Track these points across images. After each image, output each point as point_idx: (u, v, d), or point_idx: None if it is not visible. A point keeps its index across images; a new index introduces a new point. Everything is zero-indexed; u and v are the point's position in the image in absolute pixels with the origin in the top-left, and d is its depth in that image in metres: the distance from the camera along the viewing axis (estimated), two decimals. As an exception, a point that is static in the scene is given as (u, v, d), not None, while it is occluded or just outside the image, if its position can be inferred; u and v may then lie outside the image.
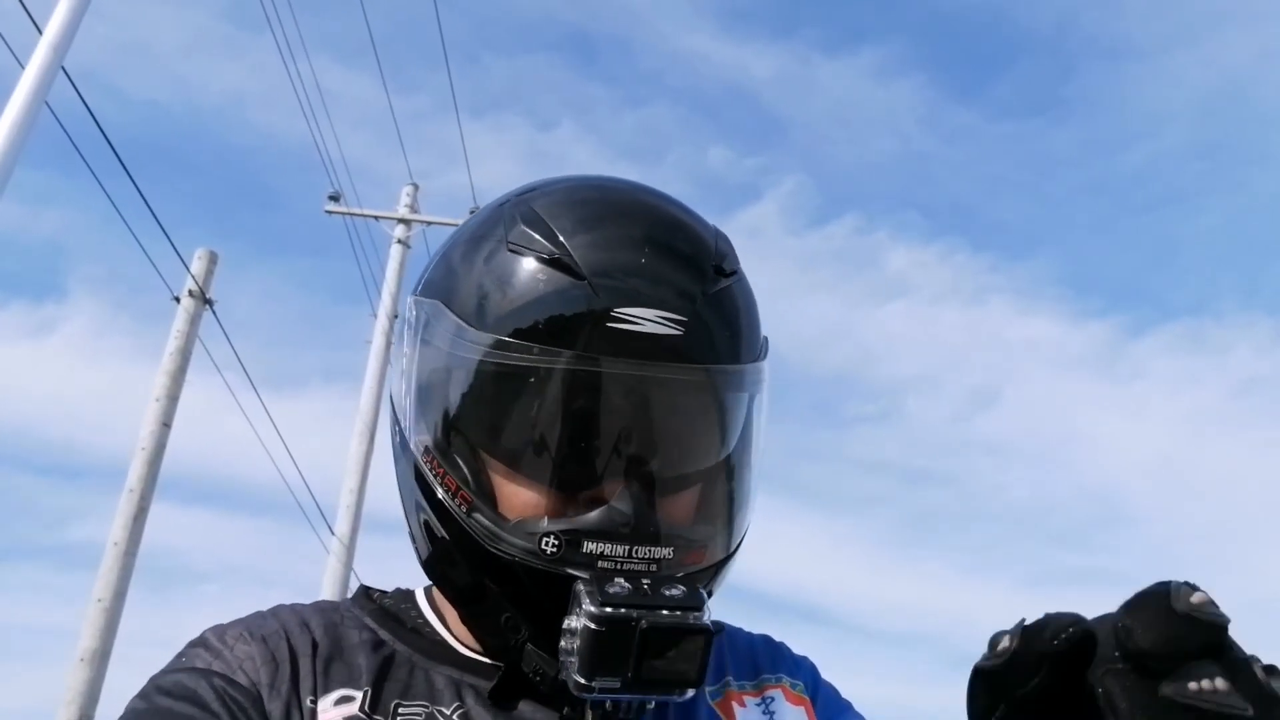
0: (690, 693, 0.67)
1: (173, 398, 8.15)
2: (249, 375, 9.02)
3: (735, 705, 0.80)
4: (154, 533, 8.11)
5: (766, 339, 0.82)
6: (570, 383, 0.71)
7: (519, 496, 0.73)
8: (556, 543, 0.69)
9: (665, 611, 0.65)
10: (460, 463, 0.75)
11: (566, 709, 0.73)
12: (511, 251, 0.74)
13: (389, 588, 0.89)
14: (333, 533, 10.37)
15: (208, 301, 8.42)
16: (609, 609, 0.64)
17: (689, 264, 0.75)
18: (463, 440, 0.75)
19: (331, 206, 11.37)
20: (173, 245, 7.46)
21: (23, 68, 5.19)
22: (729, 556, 0.77)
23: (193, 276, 8.32)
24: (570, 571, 0.68)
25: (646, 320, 0.70)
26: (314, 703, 0.73)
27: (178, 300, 8.34)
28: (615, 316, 0.70)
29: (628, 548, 0.69)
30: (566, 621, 0.66)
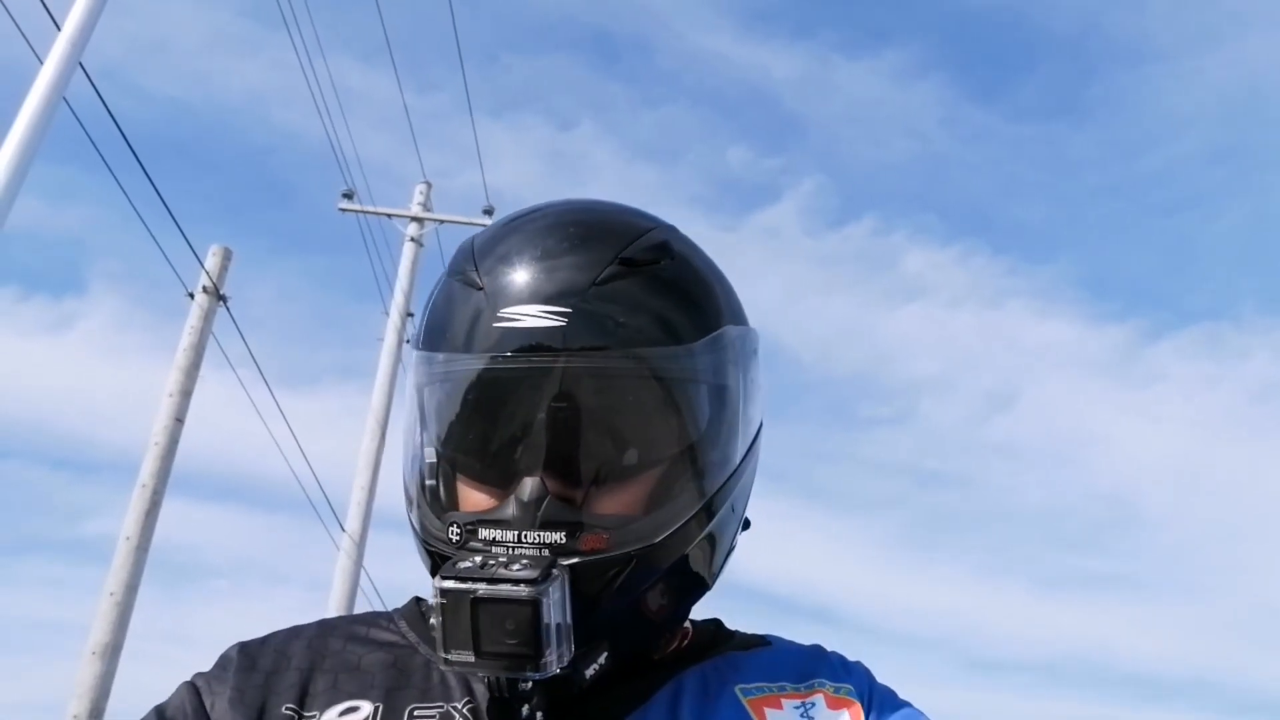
0: (549, 668, 0.67)
1: (186, 393, 8.18)
2: (262, 372, 9.04)
3: (768, 709, 0.79)
4: (166, 528, 8.14)
5: (728, 329, 0.81)
6: (466, 382, 0.77)
7: (457, 494, 0.79)
8: (458, 531, 0.75)
9: (502, 585, 0.67)
10: (405, 468, 0.83)
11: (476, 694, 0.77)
12: (447, 279, 0.82)
13: (403, 585, 0.93)
14: (344, 530, 10.40)
15: (221, 298, 8.45)
16: (449, 582, 0.68)
17: (584, 258, 0.77)
18: (405, 448, 0.84)
19: (345, 204, 11.41)
20: (187, 241, 7.49)
21: (41, 63, 5.21)
22: (650, 547, 0.74)
23: (206, 273, 8.35)
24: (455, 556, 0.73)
25: (528, 315, 0.74)
26: (308, 714, 0.77)
27: (191, 296, 8.37)
28: (501, 316, 0.75)
29: (517, 533, 0.72)
30: (429, 599, 0.71)
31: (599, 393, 0.75)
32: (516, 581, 0.67)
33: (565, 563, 0.70)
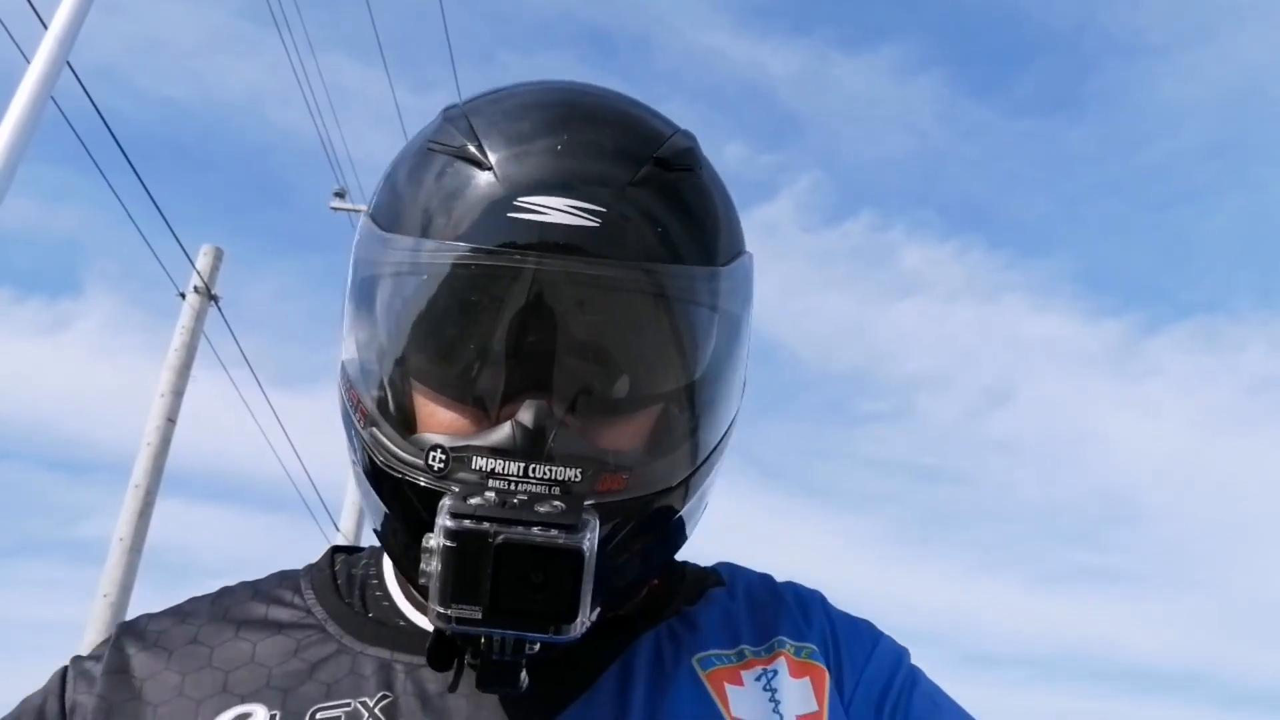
0: (574, 631, 0.56)
1: (178, 393, 8.16)
2: (254, 371, 9.03)
3: (728, 684, 0.68)
4: (160, 528, 8.15)
5: (746, 255, 0.72)
6: (465, 277, 0.63)
7: (425, 412, 0.65)
8: (444, 458, 0.62)
9: (532, 528, 0.56)
10: (367, 377, 0.68)
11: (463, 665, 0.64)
12: (430, 150, 0.67)
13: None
14: (337, 529, 10.39)
15: (213, 297, 8.43)
16: (465, 521, 0.56)
17: (616, 152, 0.65)
18: (370, 351, 0.68)
19: (337, 203, 11.38)
20: (178, 241, 7.48)
21: (28, 62, 5.20)
22: (667, 491, 0.66)
23: (198, 272, 8.34)
24: (454, 489, 0.60)
25: (554, 210, 0.62)
26: None
27: (183, 296, 8.36)
28: (518, 206, 0.62)
29: (523, 465, 0.60)
30: (425, 540, 0.58)
31: (627, 310, 0.64)
32: (551, 525, 0.56)
33: (588, 503, 0.60)
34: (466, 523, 0.56)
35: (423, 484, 0.62)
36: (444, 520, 0.56)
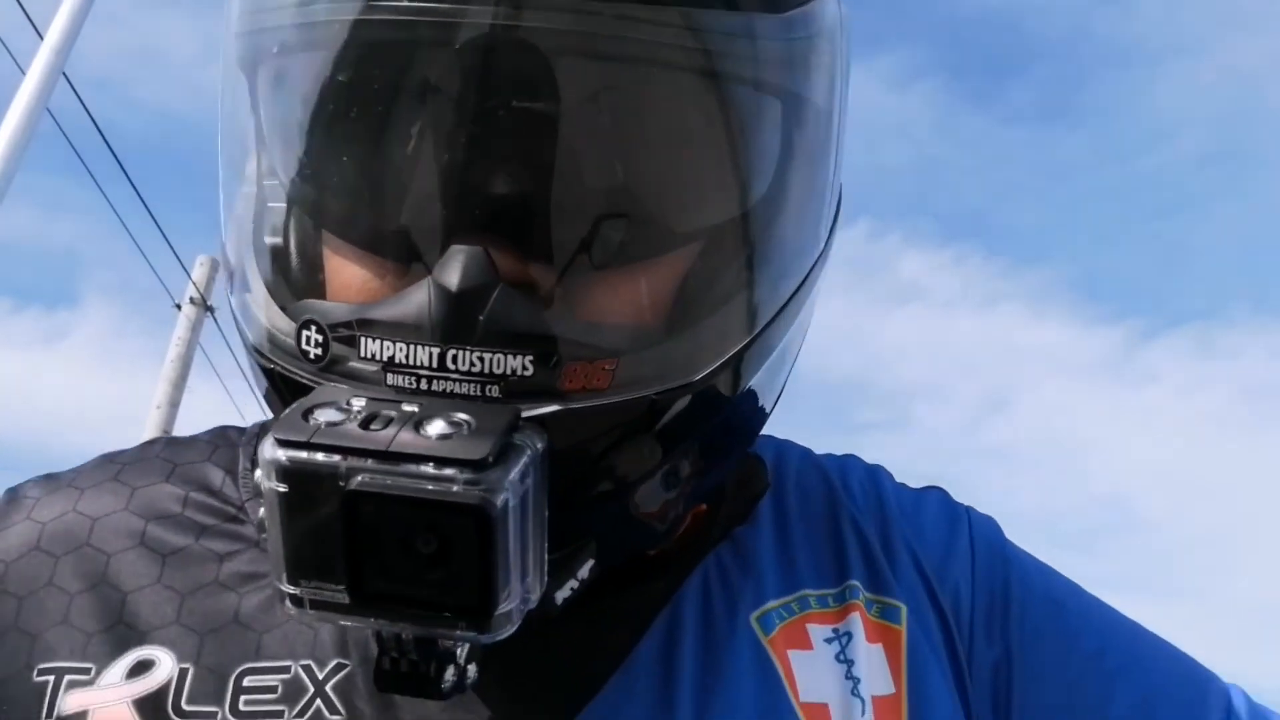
0: (496, 627, 0.37)
1: (174, 404, 8.14)
2: (251, 384, 9.00)
3: (792, 650, 0.50)
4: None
5: (831, 3, 0.49)
6: (349, 52, 0.42)
7: (330, 270, 0.45)
8: (319, 338, 0.42)
9: (420, 464, 0.36)
10: (235, 222, 0.49)
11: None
12: None
13: None
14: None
15: (209, 308, 8.41)
16: (295, 451, 0.37)
17: None
18: (245, 180, 0.48)
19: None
20: (174, 252, 7.49)
21: (24, 74, 5.19)
22: (685, 389, 0.43)
23: (194, 283, 8.33)
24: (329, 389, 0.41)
25: None
26: (75, 671, 0.47)
27: (179, 308, 8.34)
28: None
29: (437, 351, 0.39)
30: (251, 475, 0.40)
31: (610, 92, 0.42)
32: (444, 463, 0.36)
33: (532, 414, 0.40)
34: (302, 454, 0.37)
35: (297, 377, 0.43)
36: (267, 450, 0.37)
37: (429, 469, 0.36)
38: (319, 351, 0.42)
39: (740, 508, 0.56)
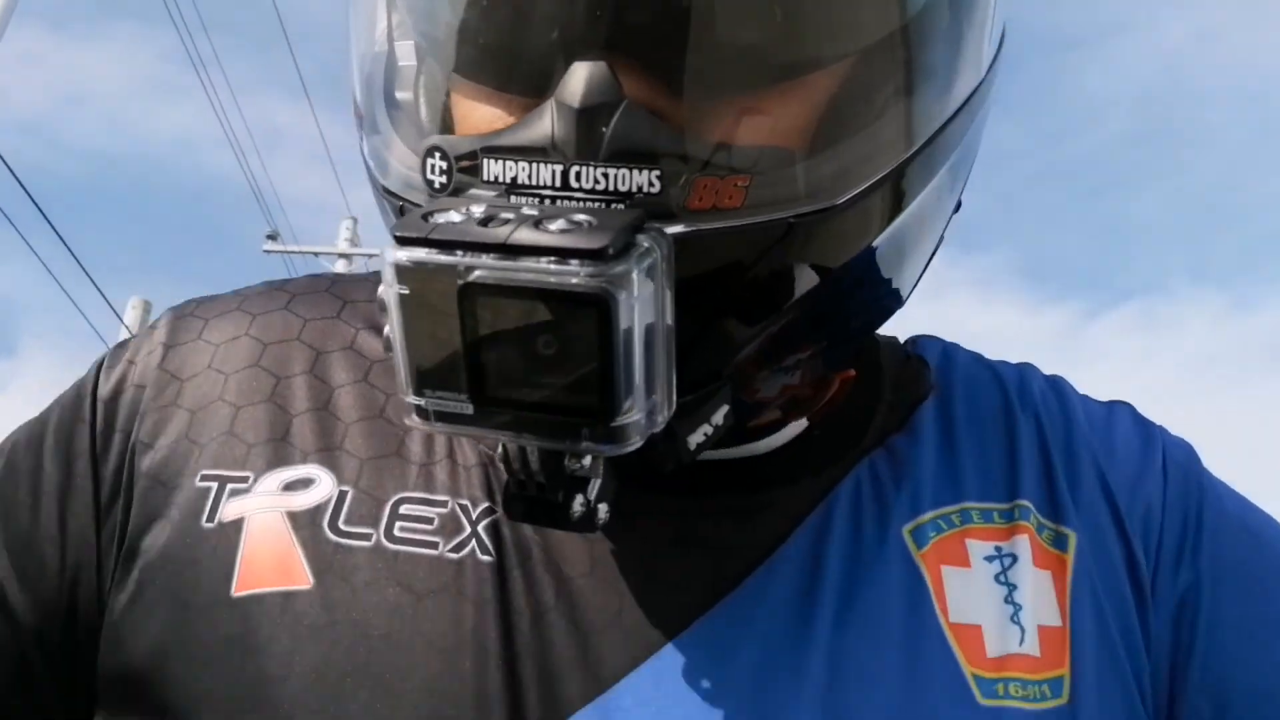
0: (624, 439, 0.36)
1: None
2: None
3: (946, 566, 0.48)
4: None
5: None
6: None
7: (459, 113, 0.44)
8: (443, 165, 0.41)
9: (529, 262, 0.35)
10: (366, 75, 0.48)
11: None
12: None
13: None
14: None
15: (144, 351, 8.28)
16: (415, 251, 0.36)
17: None
18: (371, 39, 0.48)
19: (269, 245, 11.24)
20: (104, 297, 7.38)
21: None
22: (826, 213, 0.40)
23: (126, 327, 8.18)
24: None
25: None
26: (235, 479, 0.48)
27: (113, 352, 8.21)
28: None
29: (560, 168, 0.38)
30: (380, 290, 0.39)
31: None
32: (562, 253, 0.35)
33: (666, 230, 0.38)
34: (420, 252, 0.36)
35: (417, 203, 0.43)
36: (388, 253, 0.37)
37: (549, 263, 0.35)
38: (443, 180, 0.42)
39: (902, 411, 0.53)
